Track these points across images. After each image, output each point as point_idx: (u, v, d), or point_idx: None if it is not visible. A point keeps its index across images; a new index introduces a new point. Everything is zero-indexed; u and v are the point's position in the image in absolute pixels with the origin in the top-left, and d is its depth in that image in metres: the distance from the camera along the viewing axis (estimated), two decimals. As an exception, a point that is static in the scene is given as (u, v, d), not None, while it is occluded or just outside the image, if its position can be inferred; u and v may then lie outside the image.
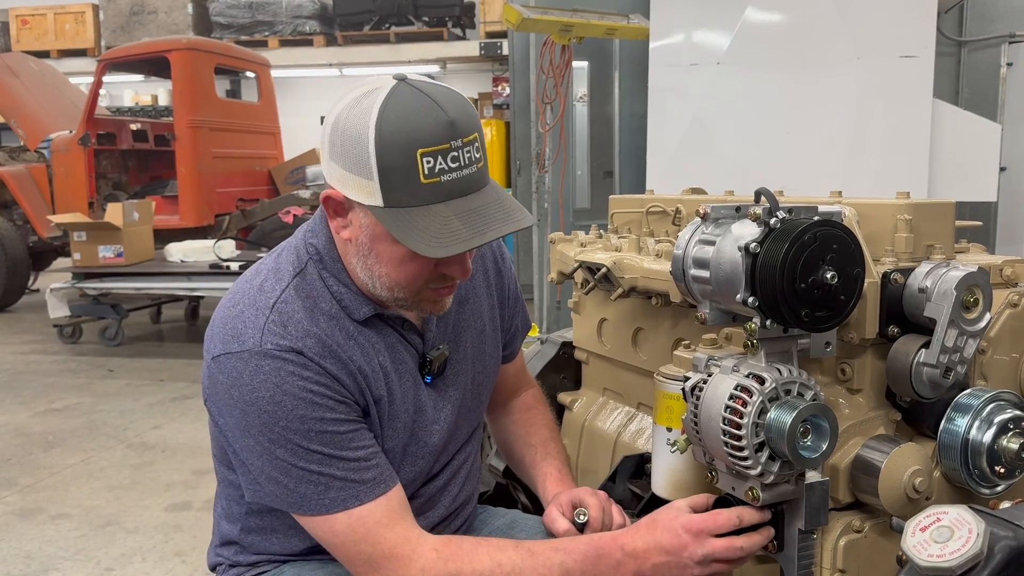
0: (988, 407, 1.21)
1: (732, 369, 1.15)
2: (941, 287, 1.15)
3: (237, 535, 1.35)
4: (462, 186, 1.12)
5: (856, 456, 1.21)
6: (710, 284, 1.15)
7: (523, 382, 1.65)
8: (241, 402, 1.16)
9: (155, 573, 2.82)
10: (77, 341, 6.51)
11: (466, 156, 1.12)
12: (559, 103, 5.24)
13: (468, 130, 1.12)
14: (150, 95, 13.48)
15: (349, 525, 1.17)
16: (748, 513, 1.17)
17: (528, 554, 1.19)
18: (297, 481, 1.16)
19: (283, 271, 1.24)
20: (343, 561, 1.21)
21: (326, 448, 1.16)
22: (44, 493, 3.54)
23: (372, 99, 1.11)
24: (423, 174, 1.09)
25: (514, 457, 1.59)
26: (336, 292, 1.23)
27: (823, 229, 1.07)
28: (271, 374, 1.15)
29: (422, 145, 1.09)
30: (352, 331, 1.23)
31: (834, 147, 4.13)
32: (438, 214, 1.11)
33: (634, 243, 1.67)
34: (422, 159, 1.09)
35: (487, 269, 1.46)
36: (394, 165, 1.09)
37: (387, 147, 1.09)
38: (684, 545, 1.16)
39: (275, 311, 1.19)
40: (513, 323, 1.54)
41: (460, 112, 1.12)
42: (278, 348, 1.16)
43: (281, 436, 1.15)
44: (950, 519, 0.82)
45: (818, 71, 4.12)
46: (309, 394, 1.15)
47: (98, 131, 7.62)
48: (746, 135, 4.28)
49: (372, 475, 1.19)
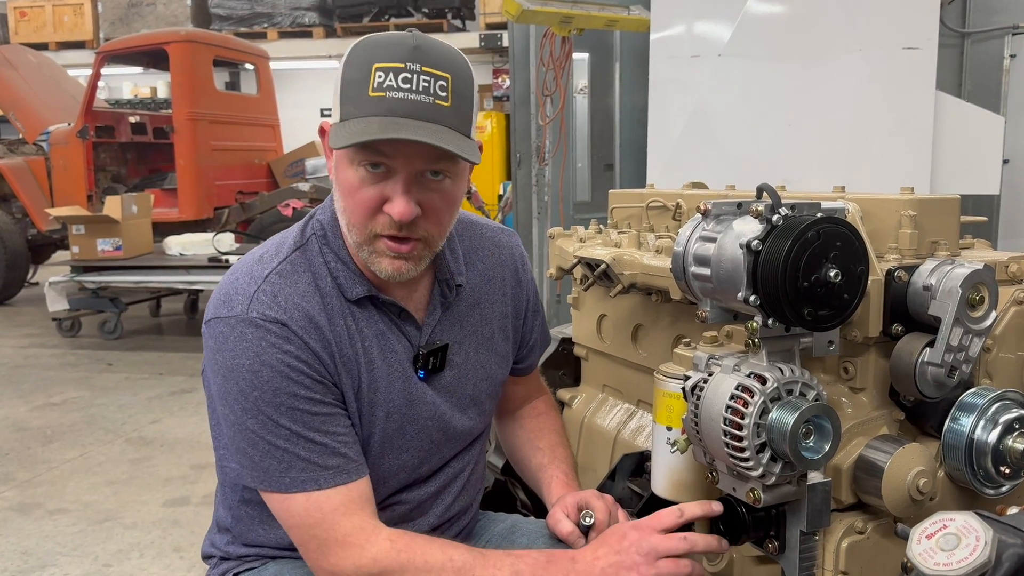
0: (993, 406, 1.19)
1: (733, 368, 1.13)
2: (946, 285, 1.13)
3: (230, 523, 1.35)
4: (408, 108, 1.11)
5: (859, 456, 1.19)
6: (711, 282, 1.13)
7: (535, 392, 1.63)
8: (223, 367, 1.17)
9: (153, 569, 2.81)
10: (76, 335, 6.50)
11: (422, 84, 1.11)
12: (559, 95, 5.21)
13: (435, 63, 1.12)
14: (149, 87, 13.44)
15: (306, 508, 1.17)
16: (689, 507, 1.19)
17: (480, 554, 1.19)
18: (262, 455, 1.17)
19: (285, 244, 1.26)
20: (297, 544, 1.21)
21: (295, 425, 1.16)
22: (42, 488, 3.53)
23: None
24: (372, 86, 1.11)
25: (520, 461, 1.57)
26: (333, 268, 1.23)
27: (826, 226, 1.05)
28: (253, 342, 1.15)
29: (379, 60, 1.11)
30: (343, 310, 1.23)
31: (836, 139, 4.09)
32: (370, 123, 1.11)
33: (634, 239, 1.65)
34: (375, 72, 1.11)
35: (505, 277, 1.43)
36: (351, 77, 1.13)
37: (351, 61, 1.14)
38: (625, 536, 1.17)
39: (268, 281, 1.19)
40: (532, 337, 1.52)
41: (433, 50, 1.13)
42: (263, 318, 1.16)
43: (254, 406, 1.16)
44: (957, 526, 0.80)
45: (820, 63, 4.09)
46: (287, 368, 1.16)
47: (97, 124, 7.60)
48: (748, 127, 4.25)
49: (336, 462, 1.18)
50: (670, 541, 1.17)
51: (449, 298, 1.33)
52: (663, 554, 1.16)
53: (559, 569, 1.17)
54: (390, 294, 1.27)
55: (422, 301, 1.31)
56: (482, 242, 1.43)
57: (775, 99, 4.19)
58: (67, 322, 6.49)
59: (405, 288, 1.29)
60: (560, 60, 5.04)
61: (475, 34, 10.64)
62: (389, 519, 1.30)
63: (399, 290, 1.28)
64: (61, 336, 6.47)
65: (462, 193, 1.25)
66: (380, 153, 1.13)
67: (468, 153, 1.14)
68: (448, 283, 1.32)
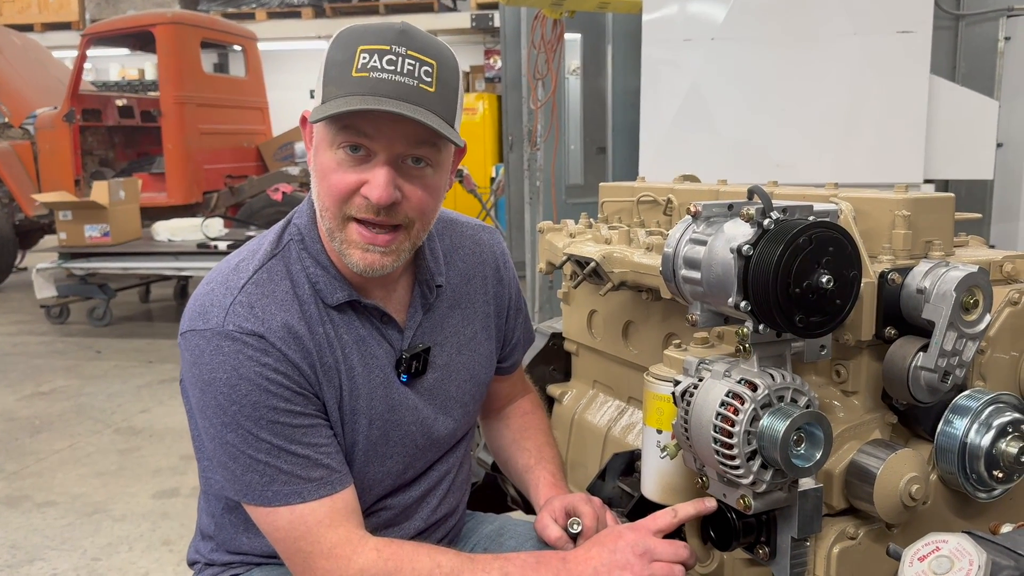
0: (987, 410, 1.17)
1: (724, 374, 1.10)
2: (940, 288, 1.11)
3: (213, 531, 1.34)
4: (388, 89, 1.09)
5: (851, 462, 1.17)
6: (701, 286, 1.10)
7: (520, 389, 1.61)
8: (201, 381, 1.15)
9: (142, 562, 2.80)
10: (65, 321, 6.45)
11: (406, 66, 1.10)
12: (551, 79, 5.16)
13: (420, 49, 1.11)
14: (137, 69, 13.30)
15: (290, 521, 1.15)
16: (683, 507, 1.18)
17: (468, 559, 1.17)
18: (244, 469, 1.15)
19: (262, 251, 1.22)
20: (283, 557, 1.19)
21: (276, 439, 1.14)
22: (30, 480, 3.51)
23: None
24: (356, 67, 1.10)
25: (507, 461, 1.55)
26: (312, 274, 1.21)
27: (818, 231, 1.02)
28: (230, 356, 1.13)
29: (364, 42, 1.11)
30: (323, 317, 1.20)
31: (830, 123, 4.06)
32: (352, 99, 1.09)
33: (624, 235, 1.62)
34: (359, 54, 1.10)
35: (486, 276, 1.41)
36: (336, 59, 1.12)
37: (336, 44, 1.13)
38: (621, 536, 1.16)
39: (244, 292, 1.16)
40: (514, 335, 1.50)
41: (419, 37, 1.12)
42: (240, 330, 1.13)
43: (233, 420, 1.13)
44: (950, 548, 0.78)
45: (814, 46, 4.05)
46: (266, 381, 1.13)
47: (83, 107, 7.51)
48: (741, 111, 4.21)
49: (320, 474, 1.16)
50: (668, 547, 1.15)
51: (430, 299, 1.30)
52: (659, 557, 1.14)
53: (549, 569, 1.15)
54: (370, 297, 1.24)
55: (403, 303, 1.29)
56: (462, 240, 1.40)
57: (768, 83, 4.16)
58: (55, 309, 6.44)
59: (385, 290, 1.26)
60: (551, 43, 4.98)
61: (466, 14, 10.54)
62: (375, 525, 1.28)
63: (379, 292, 1.25)
64: (50, 323, 6.42)
65: (444, 185, 1.22)
66: (361, 133, 1.11)
67: (451, 135, 1.13)
68: (428, 284, 1.30)
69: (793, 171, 4.01)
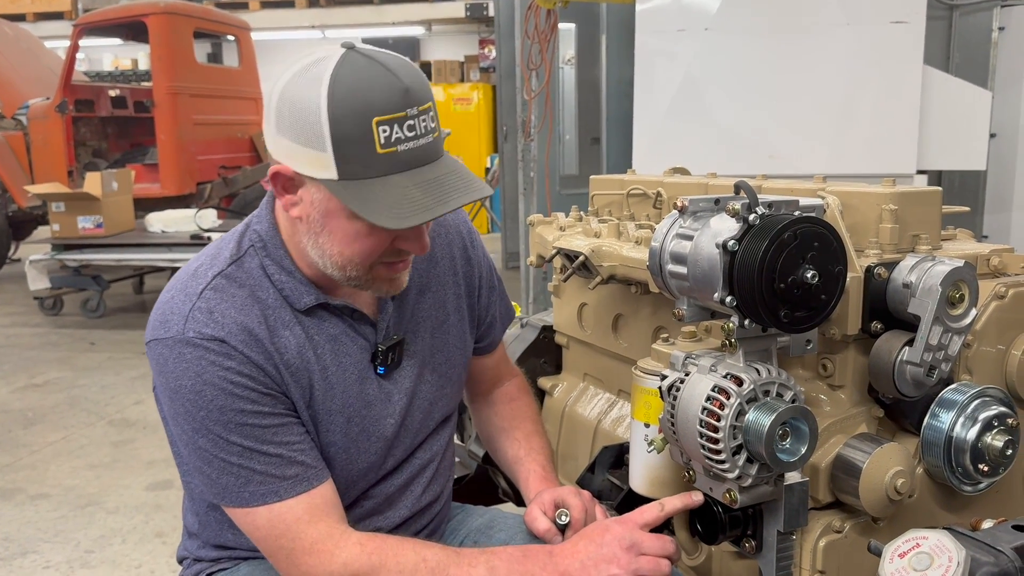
0: (973, 403, 1.17)
1: (710, 369, 1.11)
2: (926, 283, 1.11)
3: (198, 529, 1.34)
4: (419, 156, 1.09)
5: (837, 455, 1.18)
6: (687, 281, 1.10)
7: (505, 372, 1.60)
8: (168, 389, 1.15)
9: (135, 555, 2.80)
10: (58, 313, 6.44)
11: (422, 125, 1.08)
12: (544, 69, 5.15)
13: (423, 98, 1.09)
14: (130, 59, 13.23)
15: (269, 520, 1.15)
16: (670, 501, 1.18)
17: (454, 553, 1.17)
18: (219, 472, 1.15)
19: (221, 256, 1.21)
20: (266, 555, 1.19)
21: (246, 441, 1.14)
22: (23, 472, 3.51)
23: (322, 67, 1.06)
24: (379, 143, 1.05)
25: (497, 451, 1.55)
26: (277, 280, 1.20)
27: (804, 226, 1.02)
28: (193, 362, 1.12)
29: (378, 113, 1.05)
30: (290, 321, 1.19)
31: (823, 114, 4.06)
32: (396, 184, 1.07)
33: (614, 228, 1.62)
34: (378, 128, 1.05)
35: (454, 256, 1.40)
36: (349, 135, 1.05)
37: (342, 116, 1.04)
38: (608, 530, 1.16)
39: (203, 298, 1.16)
40: (490, 313, 1.48)
41: (414, 79, 1.09)
42: (200, 336, 1.13)
43: (203, 426, 1.13)
44: (930, 545, 0.78)
45: (807, 37, 4.04)
46: (231, 385, 1.13)
47: (76, 98, 7.47)
48: (735, 101, 4.21)
49: (295, 472, 1.16)
50: (654, 540, 1.16)
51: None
52: (645, 551, 1.15)
53: (536, 563, 1.15)
54: (339, 296, 1.24)
55: (371, 297, 1.28)
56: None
57: (762, 73, 4.15)
58: (49, 301, 6.43)
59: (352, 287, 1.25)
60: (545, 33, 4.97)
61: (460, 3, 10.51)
62: (358, 516, 1.28)
63: (346, 290, 1.24)
64: (43, 315, 6.41)
65: None
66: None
67: (485, 190, 1.15)
68: None
69: (787, 162, 4.02)
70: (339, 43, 1.10)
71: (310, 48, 1.13)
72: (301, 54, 1.11)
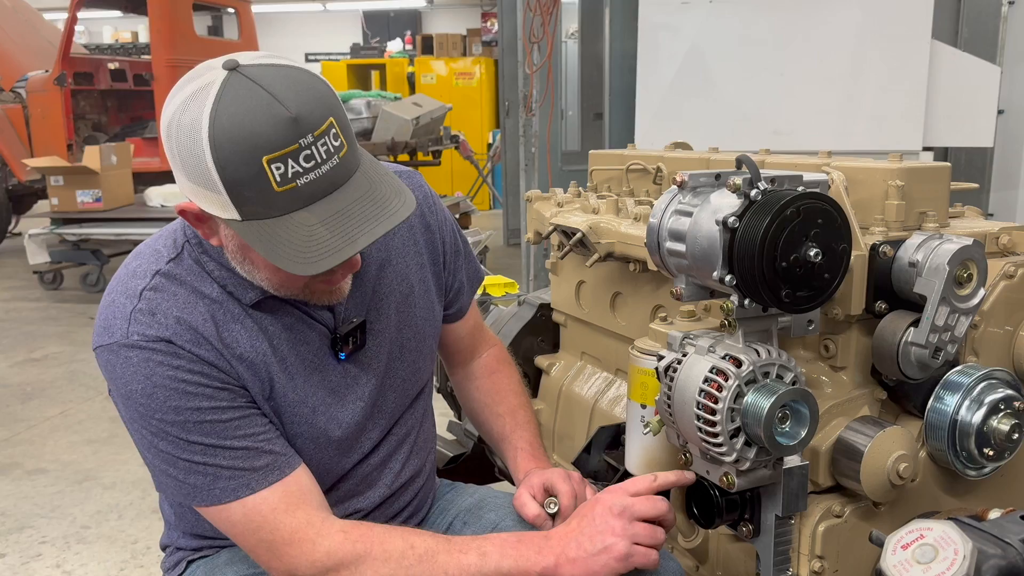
0: (979, 386, 1.14)
1: (708, 350, 1.07)
2: (933, 261, 1.07)
3: (175, 521, 1.31)
4: (323, 186, 0.99)
5: (838, 439, 1.15)
6: (686, 259, 1.07)
7: (481, 341, 1.54)
8: (119, 395, 1.11)
9: (131, 530, 2.79)
10: (58, 287, 6.42)
11: (321, 151, 0.98)
12: (547, 43, 5.08)
13: (318, 120, 0.98)
14: (130, 32, 13.12)
15: (244, 515, 1.11)
16: (663, 475, 1.15)
17: (444, 540, 1.13)
18: (185, 473, 1.10)
19: (160, 254, 1.15)
20: (246, 550, 1.15)
21: (207, 439, 1.09)
22: (20, 447, 3.50)
23: (201, 100, 0.97)
24: (275, 182, 0.96)
25: (482, 426, 1.51)
26: (219, 277, 1.14)
27: (807, 202, 0.98)
28: (140, 366, 1.07)
29: (266, 151, 0.95)
30: (239, 314, 1.14)
31: (830, 88, 4.00)
32: (302, 223, 0.99)
33: (612, 205, 1.58)
34: (270, 167, 0.96)
35: (412, 225, 1.33)
36: (240, 177, 0.96)
37: (227, 159, 0.95)
38: (599, 501, 1.13)
39: (143, 299, 1.10)
40: (457, 279, 1.42)
41: (304, 102, 0.97)
42: (144, 338, 1.08)
43: (159, 429, 1.09)
44: (935, 536, 0.75)
45: (814, 10, 3.97)
46: (182, 384, 1.08)
47: (75, 70, 7.41)
48: (740, 76, 4.15)
49: (264, 462, 1.12)
50: (645, 502, 1.12)
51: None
52: (638, 515, 1.11)
53: (531, 547, 1.12)
54: None
55: None
56: None
57: (768, 47, 4.09)
58: (49, 275, 6.41)
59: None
60: (547, 6, 4.90)
61: (463, -24, 10.38)
62: (336, 499, 1.24)
63: None
64: (43, 289, 6.39)
65: None
66: None
67: (403, 211, 1.04)
68: None
69: (791, 138, 3.96)
70: (223, 62, 1.00)
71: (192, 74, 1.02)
72: (186, 76, 1.02)
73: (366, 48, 12.08)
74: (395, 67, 10.94)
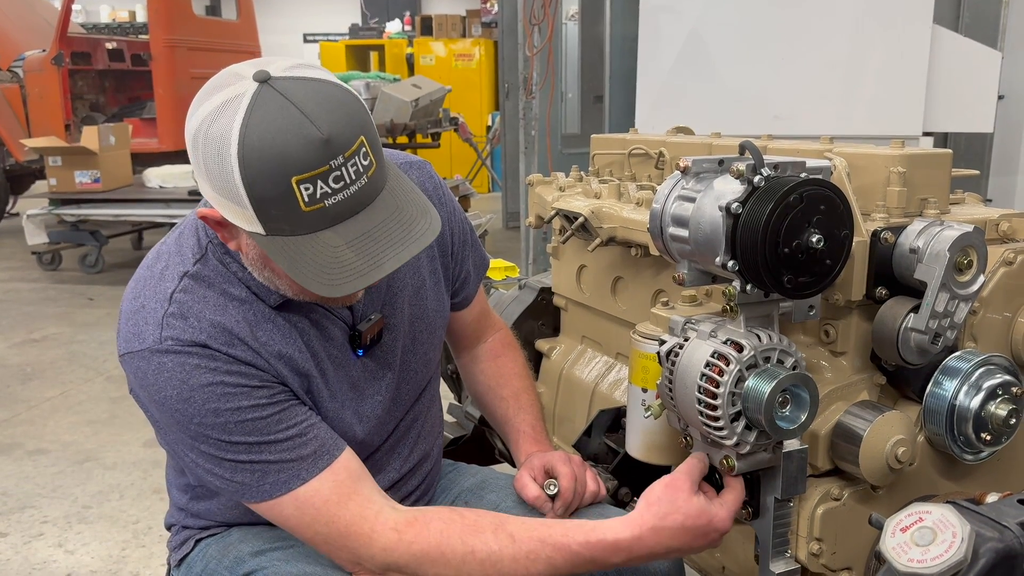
0: (978, 371, 1.15)
1: (709, 334, 1.08)
2: (934, 248, 1.08)
3: (185, 502, 1.31)
4: (350, 206, 0.99)
5: (837, 423, 1.16)
6: (689, 244, 1.07)
7: (487, 326, 1.55)
8: (154, 401, 1.09)
9: (132, 510, 2.81)
10: (57, 268, 6.42)
11: (351, 171, 0.97)
12: (547, 25, 5.05)
13: (349, 141, 0.97)
14: (128, 11, 13.04)
15: (297, 507, 1.10)
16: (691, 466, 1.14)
17: (509, 540, 1.09)
18: (232, 472, 1.09)
19: (184, 255, 1.13)
20: (304, 541, 1.15)
21: (251, 437, 1.08)
22: (21, 428, 3.51)
23: (231, 114, 0.96)
24: (303, 202, 0.96)
25: (487, 409, 1.53)
26: (244, 277, 1.13)
27: (810, 189, 0.99)
28: (175, 371, 1.06)
29: (296, 172, 0.94)
30: (269, 314, 1.13)
31: (831, 72, 4.00)
32: (327, 243, 0.98)
33: (614, 189, 1.59)
34: (299, 187, 0.95)
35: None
36: (267, 195, 0.95)
37: (255, 177, 0.94)
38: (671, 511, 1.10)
39: (174, 302, 1.09)
40: (463, 268, 1.42)
41: (335, 121, 0.96)
42: (178, 343, 1.06)
43: (199, 432, 1.07)
44: (933, 520, 0.76)
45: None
46: (220, 386, 1.06)
47: (72, 50, 7.37)
48: (741, 59, 4.14)
49: (312, 449, 1.11)
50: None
51: None
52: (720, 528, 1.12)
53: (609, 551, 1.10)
54: None
55: None
56: None
57: (769, 31, 4.08)
58: (47, 256, 6.40)
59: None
60: (548, -13, 4.87)
61: (463, -43, 10.31)
62: None
63: None
64: (41, 270, 6.39)
65: None
66: None
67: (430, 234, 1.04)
68: None
69: (792, 122, 3.96)
70: (254, 72, 0.98)
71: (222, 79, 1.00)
72: (213, 82, 1.01)
73: (365, 29, 12.03)
74: (394, 48, 10.89)
